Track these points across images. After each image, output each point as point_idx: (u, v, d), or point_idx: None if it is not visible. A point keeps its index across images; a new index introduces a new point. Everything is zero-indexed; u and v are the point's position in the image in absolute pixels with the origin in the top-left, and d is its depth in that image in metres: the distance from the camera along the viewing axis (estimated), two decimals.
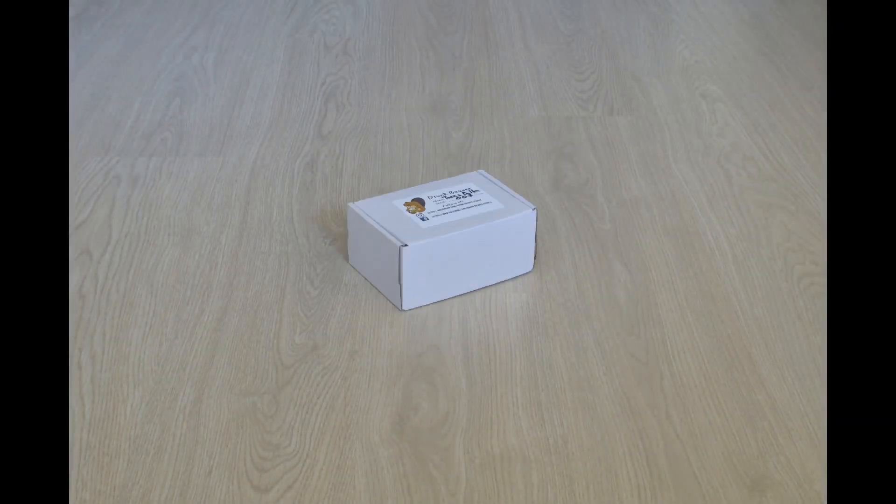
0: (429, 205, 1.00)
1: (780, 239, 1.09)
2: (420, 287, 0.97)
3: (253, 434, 0.84)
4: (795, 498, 0.79)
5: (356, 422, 0.85)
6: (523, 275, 1.02)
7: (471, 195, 1.02)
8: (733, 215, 1.13)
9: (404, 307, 0.97)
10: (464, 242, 0.97)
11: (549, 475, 0.80)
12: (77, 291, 0.99)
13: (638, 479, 0.80)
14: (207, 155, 1.24)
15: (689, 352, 0.93)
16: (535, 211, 1.00)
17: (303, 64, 1.49)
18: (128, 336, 0.94)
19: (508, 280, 1.02)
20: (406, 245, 0.94)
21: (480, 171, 1.07)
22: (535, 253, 1.04)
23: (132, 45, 1.54)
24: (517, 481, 0.80)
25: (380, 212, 0.99)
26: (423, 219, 0.98)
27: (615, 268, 1.04)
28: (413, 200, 1.00)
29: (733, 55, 1.54)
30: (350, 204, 1.01)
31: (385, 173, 1.20)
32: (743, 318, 0.97)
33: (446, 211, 0.99)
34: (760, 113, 1.36)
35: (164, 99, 1.37)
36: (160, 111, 1.34)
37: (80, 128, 1.30)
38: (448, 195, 1.02)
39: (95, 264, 1.03)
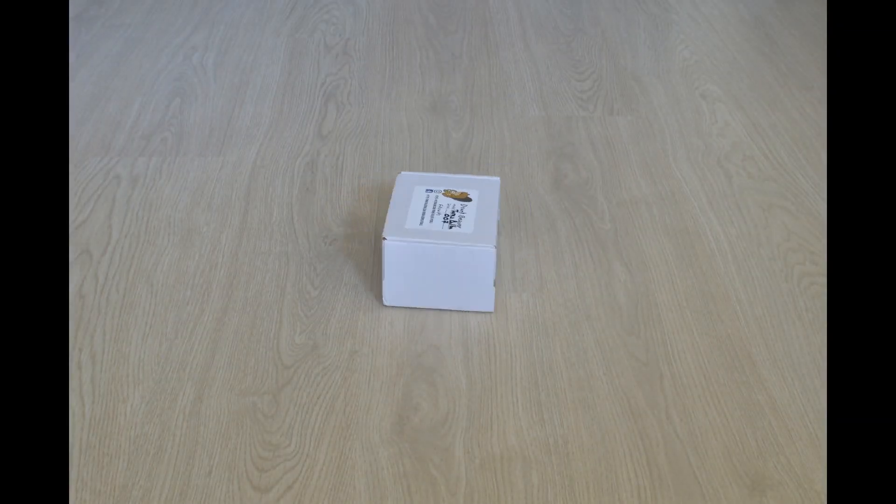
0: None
1: (780, 239, 1.09)
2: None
3: (253, 434, 0.84)
4: (795, 498, 0.79)
5: (356, 422, 0.85)
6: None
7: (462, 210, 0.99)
8: (733, 215, 1.13)
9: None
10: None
11: (549, 475, 0.80)
12: (77, 291, 0.99)
13: (638, 479, 0.80)
14: (207, 155, 1.24)
15: (689, 352, 0.93)
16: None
17: (303, 64, 1.49)
18: (128, 336, 0.94)
19: (506, 281, 1.02)
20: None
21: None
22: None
23: (132, 45, 1.54)
24: (517, 481, 0.80)
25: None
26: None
27: (615, 268, 1.04)
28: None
29: (733, 55, 1.54)
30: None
31: (385, 173, 1.20)
32: (743, 318, 0.97)
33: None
34: (760, 113, 1.36)
35: (164, 99, 1.37)
36: (160, 111, 1.34)
37: (80, 128, 1.30)
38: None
39: (95, 264, 1.03)
